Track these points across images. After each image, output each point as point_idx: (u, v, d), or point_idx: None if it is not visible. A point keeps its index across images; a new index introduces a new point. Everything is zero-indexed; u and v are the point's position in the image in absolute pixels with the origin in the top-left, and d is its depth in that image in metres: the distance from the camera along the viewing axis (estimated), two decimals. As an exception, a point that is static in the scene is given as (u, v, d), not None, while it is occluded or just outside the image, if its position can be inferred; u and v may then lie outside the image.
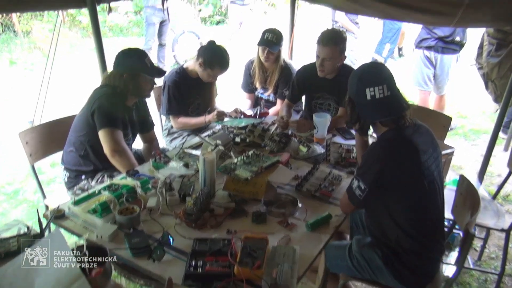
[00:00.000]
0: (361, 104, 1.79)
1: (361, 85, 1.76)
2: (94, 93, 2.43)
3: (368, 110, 1.77)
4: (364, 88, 1.74)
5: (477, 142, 4.74)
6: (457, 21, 2.93)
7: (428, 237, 1.79)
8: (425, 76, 4.37)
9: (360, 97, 1.77)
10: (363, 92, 1.74)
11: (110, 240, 1.69)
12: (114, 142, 2.33)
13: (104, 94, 2.38)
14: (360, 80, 1.77)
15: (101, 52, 2.79)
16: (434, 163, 1.78)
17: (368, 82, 1.74)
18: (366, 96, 1.74)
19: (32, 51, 8.22)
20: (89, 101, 2.40)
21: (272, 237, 1.72)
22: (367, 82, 1.74)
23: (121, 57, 2.43)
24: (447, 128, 2.85)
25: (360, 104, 1.79)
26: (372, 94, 1.72)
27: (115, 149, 2.33)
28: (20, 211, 3.42)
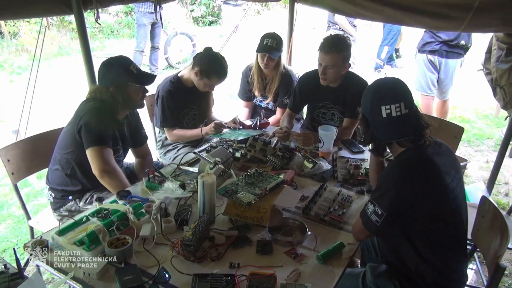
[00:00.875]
0: (376, 123, 1.62)
1: (375, 102, 1.59)
2: (80, 107, 2.23)
3: (383, 129, 1.61)
4: (379, 105, 1.57)
5: (481, 147, 4.61)
6: (466, 26, 2.79)
7: (452, 267, 1.63)
8: (429, 81, 4.23)
9: (374, 115, 1.60)
10: (378, 109, 1.58)
11: (98, 278, 1.50)
12: (103, 161, 2.13)
13: (91, 109, 2.18)
14: (374, 97, 1.60)
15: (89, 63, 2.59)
16: (458, 185, 1.62)
17: (383, 99, 1.58)
18: (382, 114, 1.57)
19: (19, 53, 7.98)
20: (75, 116, 2.21)
21: (280, 271, 1.54)
22: (382, 99, 1.58)
23: (103, 70, 2.24)
24: (458, 139, 2.69)
25: (375, 122, 1.62)
26: (388, 112, 1.56)
27: (104, 169, 2.14)
28: (4, 227, 3.22)
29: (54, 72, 7.14)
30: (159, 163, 2.84)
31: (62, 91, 6.22)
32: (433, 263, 1.60)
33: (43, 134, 2.46)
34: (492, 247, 1.73)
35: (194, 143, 2.97)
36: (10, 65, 7.39)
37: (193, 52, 7.84)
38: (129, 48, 8.12)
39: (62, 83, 6.55)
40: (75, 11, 2.42)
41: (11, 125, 4.86)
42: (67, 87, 6.40)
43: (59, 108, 5.62)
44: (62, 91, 6.20)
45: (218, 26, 10.99)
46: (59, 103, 5.76)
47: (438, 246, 1.60)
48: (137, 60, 6.79)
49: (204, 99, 2.95)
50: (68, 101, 5.75)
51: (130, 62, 2.26)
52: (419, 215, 1.55)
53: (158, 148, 3.04)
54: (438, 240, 1.59)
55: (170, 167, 2.36)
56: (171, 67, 7.61)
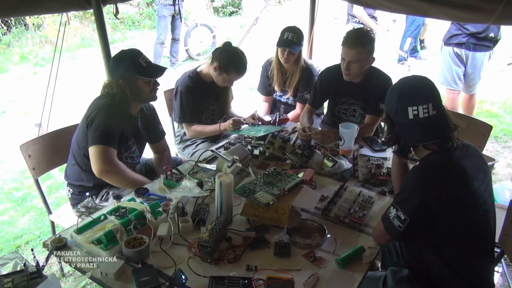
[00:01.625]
0: (402, 124, 1.55)
1: (402, 103, 1.52)
2: (93, 103, 2.23)
3: (409, 131, 1.54)
4: (406, 106, 1.50)
5: (510, 144, 4.45)
6: (496, 18, 2.65)
7: (477, 274, 1.57)
8: (455, 75, 4.08)
9: (400, 116, 1.53)
10: (404, 110, 1.51)
11: (116, 278, 1.50)
12: (102, 161, 2.12)
13: (101, 106, 2.18)
14: (401, 97, 1.53)
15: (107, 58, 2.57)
16: (486, 190, 1.55)
17: (410, 100, 1.50)
18: (408, 115, 1.50)
19: (43, 45, 8.10)
20: (87, 111, 2.21)
21: (297, 275, 1.51)
22: (409, 100, 1.50)
23: (112, 64, 2.23)
24: (486, 138, 2.59)
25: (400, 124, 1.55)
26: (415, 113, 1.49)
27: (102, 170, 2.13)
28: (27, 219, 3.29)
29: (77, 64, 7.22)
30: (178, 159, 2.83)
31: (85, 83, 6.28)
32: (458, 269, 1.54)
33: (63, 129, 2.48)
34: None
35: (213, 138, 2.94)
36: (34, 57, 7.51)
37: (213, 43, 7.81)
38: (150, 39, 8.14)
39: (85, 75, 6.62)
40: (94, 5, 2.41)
41: (34, 117, 4.94)
42: (90, 79, 6.46)
43: (82, 100, 5.69)
44: (85, 83, 6.26)
45: (239, 17, 10.91)
46: (82, 96, 5.82)
47: (464, 253, 1.54)
48: (157, 52, 6.80)
49: (223, 94, 2.92)
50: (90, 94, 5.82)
51: (139, 55, 2.21)
52: (444, 221, 1.49)
53: (177, 143, 3.03)
54: (464, 247, 1.53)
55: (188, 164, 2.34)
56: (191, 59, 7.60)
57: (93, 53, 8.02)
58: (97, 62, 7.42)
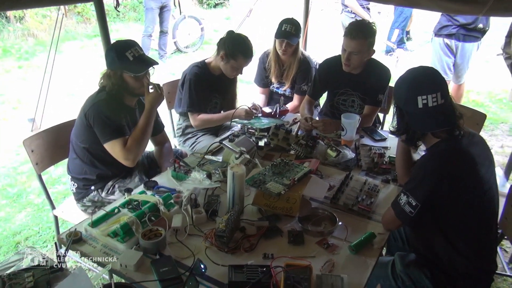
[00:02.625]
0: (412, 114, 1.60)
1: (412, 92, 1.57)
2: (89, 99, 2.23)
3: (419, 119, 1.59)
4: (416, 96, 1.55)
5: (496, 132, 4.59)
6: (487, 10, 2.72)
7: (483, 258, 1.64)
8: (445, 65, 4.18)
9: (410, 106, 1.58)
10: (414, 100, 1.56)
11: (135, 270, 1.52)
12: (126, 152, 2.17)
13: (98, 101, 2.17)
14: (411, 87, 1.58)
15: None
16: (492, 176, 1.62)
17: (420, 89, 1.56)
18: (418, 105, 1.55)
19: (26, 38, 7.91)
20: (84, 107, 2.21)
21: (313, 261, 1.55)
22: (419, 90, 1.56)
23: (105, 54, 2.22)
24: (480, 126, 2.67)
25: (410, 113, 1.61)
26: (424, 102, 1.54)
27: (130, 159, 2.18)
28: (24, 215, 3.25)
29: (63, 58, 7.08)
30: (178, 150, 2.84)
31: (72, 77, 6.18)
32: (466, 253, 1.61)
33: (65, 123, 2.45)
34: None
35: (214, 131, 2.96)
36: (18, 50, 7.34)
37: (201, 36, 7.77)
38: (136, 32, 8.05)
39: (72, 69, 6.51)
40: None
41: (25, 112, 4.86)
42: (77, 73, 6.37)
43: (70, 95, 5.61)
44: (73, 77, 6.17)
45: (224, 8, 10.85)
46: (70, 90, 5.74)
47: (471, 237, 1.61)
48: (145, 44, 6.73)
49: (228, 89, 2.94)
50: (79, 88, 5.74)
51: (129, 47, 2.13)
52: (453, 207, 1.55)
53: (178, 135, 3.03)
54: (471, 231, 1.60)
55: (194, 157, 2.35)
56: (180, 51, 7.55)
57: (78, 46, 7.90)
58: (83, 56, 7.32)
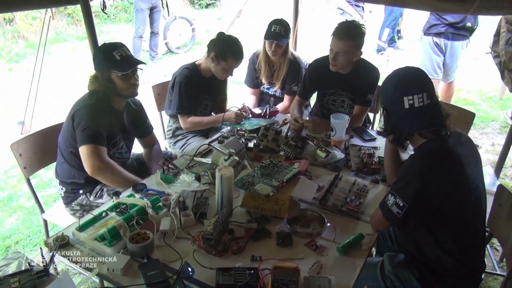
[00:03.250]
0: (398, 114, 1.61)
1: (398, 93, 1.58)
2: (76, 103, 2.21)
3: (405, 120, 1.60)
4: (402, 96, 1.56)
5: (487, 130, 4.62)
6: (475, 9, 2.73)
7: (471, 257, 1.65)
8: (435, 64, 4.20)
9: (396, 106, 1.59)
10: (400, 100, 1.56)
11: (123, 274, 1.51)
12: (93, 159, 2.13)
13: (85, 105, 2.16)
14: (396, 88, 1.59)
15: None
16: (478, 175, 1.63)
17: (406, 89, 1.56)
18: (404, 105, 1.56)
19: (16, 40, 7.85)
20: (71, 110, 2.19)
21: (301, 263, 1.55)
22: (405, 90, 1.56)
23: (93, 56, 2.21)
24: (469, 125, 2.69)
25: (397, 113, 1.61)
26: (410, 102, 1.55)
27: (95, 167, 2.13)
28: (15, 219, 3.23)
29: (53, 59, 7.04)
30: (168, 152, 2.83)
31: (62, 79, 6.14)
32: (453, 252, 1.62)
33: (53, 127, 2.44)
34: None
35: (204, 133, 2.95)
36: (8, 53, 7.28)
37: (192, 36, 7.75)
38: (127, 33, 8.01)
39: (62, 71, 6.47)
40: (81, 0, 2.37)
41: (15, 115, 4.82)
42: (67, 75, 6.32)
43: (61, 97, 5.57)
44: (63, 80, 6.12)
45: (216, 9, 10.83)
46: (60, 92, 5.70)
47: (459, 236, 1.62)
48: (136, 46, 6.69)
49: (219, 91, 2.94)
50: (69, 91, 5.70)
51: (116, 48, 2.14)
52: (441, 207, 1.56)
53: (169, 137, 3.02)
54: (459, 230, 1.61)
55: (183, 159, 2.35)
56: (171, 52, 7.53)
57: (69, 48, 7.84)
58: (73, 58, 7.28)
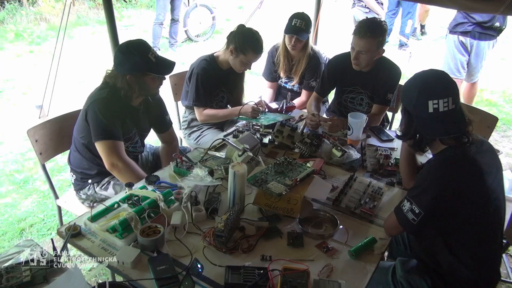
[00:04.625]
0: (421, 118, 1.55)
1: (423, 96, 1.52)
2: (93, 93, 2.19)
3: (429, 125, 1.54)
4: (427, 100, 1.50)
5: (508, 133, 4.49)
6: (505, 8, 2.63)
7: (486, 267, 1.61)
8: (458, 63, 4.09)
9: (419, 110, 1.54)
10: (424, 104, 1.51)
11: (132, 267, 1.51)
12: (111, 156, 2.13)
13: (99, 98, 2.13)
14: (421, 91, 1.53)
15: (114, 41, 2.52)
16: (499, 185, 1.58)
17: (431, 93, 1.51)
18: (428, 109, 1.51)
19: (38, 23, 7.94)
20: (86, 101, 2.18)
21: (311, 265, 1.53)
22: (430, 94, 1.51)
23: (120, 57, 2.13)
24: (491, 129, 2.61)
25: (420, 117, 1.56)
26: (435, 107, 1.49)
27: (113, 164, 2.14)
28: (30, 202, 3.28)
29: (74, 43, 7.10)
30: (187, 148, 2.80)
31: (83, 64, 6.18)
32: (468, 262, 1.57)
33: (69, 113, 2.45)
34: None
35: (219, 125, 2.94)
36: (30, 35, 7.36)
37: (212, 25, 7.71)
38: (148, 19, 8.02)
39: (82, 55, 6.51)
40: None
41: (33, 98, 4.89)
42: (88, 60, 6.37)
43: (80, 82, 5.62)
44: (83, 64, 6.17)
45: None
46: (80, 77, 5.75)
47: (474, 246, 1.57)
48: (156, 32, 6.70)
49: (236, 83, 2.90)
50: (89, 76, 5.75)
51: (149, 49, 2.13)
52: (457, 215, 1.52)
53: (184, 128, 3.02)
54: (475, 240, 1.56)
55: (197, 152, 2.34)
56: (190, 40, 7.51)
57: (90, 32, 7.90)
58: (94, 42, 7.33)
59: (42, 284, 1.41)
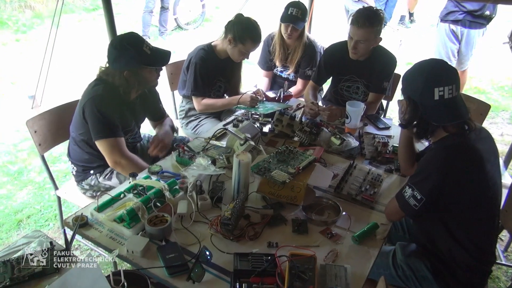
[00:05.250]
0: (427, 106, 1.58)
1: (429, 84, 1.55)
2: (87, 90, 2.15)
3: (435, 112, 1.58)
4: (433, 87, 1.54)
5: (496, 120, 4.60)
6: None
7: (484, 250, 1.67)
8: (449, 51, 4.15)
9: (425, 98, 1.57)
10: (430, 92, 1.54)
11: (142, 256, 1.53)
12: (113, 154, 2.14)
13: (95, 95, 2.09)
14: (428, 79, 1.56)
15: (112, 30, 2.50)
16: (497, 171, 1.63)
17: (437, 81, 1.54)
18: (434, 96, 1.54)
19: (23, 10, 7.75)
20: (82, 98, 2.15)
21: (317, 251, 1.57)
22: (436, 81, 1.54)
23: (114, 53, 2.08)
24: (484, 116, 2.68)
25: (426, 105, 1.59)
26: (441, 94, 1.53)
27: (116, 161, 2.15)
28: (25, 193, 3.26)
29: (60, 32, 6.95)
30: (185, 138, 2.79)
31: (72, 51, 6.08)
32: (467, 246, 1.63)
33: (68, 104, 2.42)
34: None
35: (216, 115, 2.95)
36: (15, 23, 7.21)
37: (202, 13, 7.64)
38: (136, 6, 7.89)
39: (71, 43, 6.40)
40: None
41: (23, 88, 4.81)
42: (77, 48, 6.27)
43: (71, 70, 5.54)
44: (73, 52, 6.07)
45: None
46: (70, 65, 5.66)
47: (473, 230, 1.63)
48: (146, 20, 6.62)
49: (233, 73, 2.91)
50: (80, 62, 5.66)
51: (143, 42, 2.10)
52: (458, 201, 1.57)
53: (181, 118, 3.02)
54: (474, 225, 1.62)
55: (198, 141, 2.35)
56: (180, 28, 7.44)
57: (76, 20, 7.76)
58: (82, 30, 7.20)
59: (54, 274, 1.42)
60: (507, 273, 2.69)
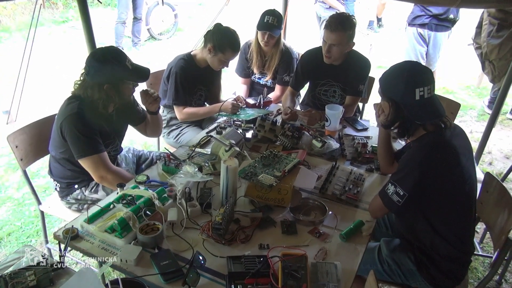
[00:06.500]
0: (409, 106, 1.67)
1: (409, 85, 1.64)
2: (62, 108, 2.11)
3: (417, 111, 1.66)
4: (414, 88, 1.63)
5: (465, 118, 4.80)
6: (461, 2, 2.85)
7: (464, 241, 1.77)
8: (418, 54, 4.33)
9: (408, 99, 1.66)
10: (412, 93, 1.63)
11: (136, 264, 1.55)
12: (98, 169, 2.13)
13: (71, 114, 2.05)
14: (408, 81, 1.65)
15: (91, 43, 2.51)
16: (472, 165, 1.73)
17: (417, 82, 1.64)
18: (415, 97, 1.63)
19: (-11, 24, 7.58)
20: (57, 116, 2.12)
21: (307, 250, 1.62)
22: (416, 82, 1.63)
23: (97, 66, 2.03)
24: (455, 115, 2.81)
25: (409, 106, 1.67)
26: (421, 94, 1.63)
27: (101, 176, 2.15)
28: (4, 211, 3.18)
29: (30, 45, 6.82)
30: None
31: (44, 65, 5.97)
32: (448, 237, 1.72)
33: (47, 117, 2.40)
34: (499, 222, 1.88)
35: (198, 123, 2.98)
36: (-19, 38, 7.03)
37: (175, 23, 7.66)
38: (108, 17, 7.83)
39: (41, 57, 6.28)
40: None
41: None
42: (48, 61, 6.16)
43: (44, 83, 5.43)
44: (44, 66, 5.96)
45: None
46: (43, 79, 5.56)
47: (453, 222, 1.72)
48: (119, 32, 6.58)
49: (213, 81, 2.95)
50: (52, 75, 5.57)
51: (125, 57, 2.10)
52: (438, 196, 1.66)
53: (163, 127, 3.03)
54: (453, 217, 1.71)
55: (182, 149, 2.38)
56: (153, 38, 7.43)
57: (46, 33, 7.62)
58: (52, 43, 7.08)
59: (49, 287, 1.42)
60: (484, 263, 2.81)
